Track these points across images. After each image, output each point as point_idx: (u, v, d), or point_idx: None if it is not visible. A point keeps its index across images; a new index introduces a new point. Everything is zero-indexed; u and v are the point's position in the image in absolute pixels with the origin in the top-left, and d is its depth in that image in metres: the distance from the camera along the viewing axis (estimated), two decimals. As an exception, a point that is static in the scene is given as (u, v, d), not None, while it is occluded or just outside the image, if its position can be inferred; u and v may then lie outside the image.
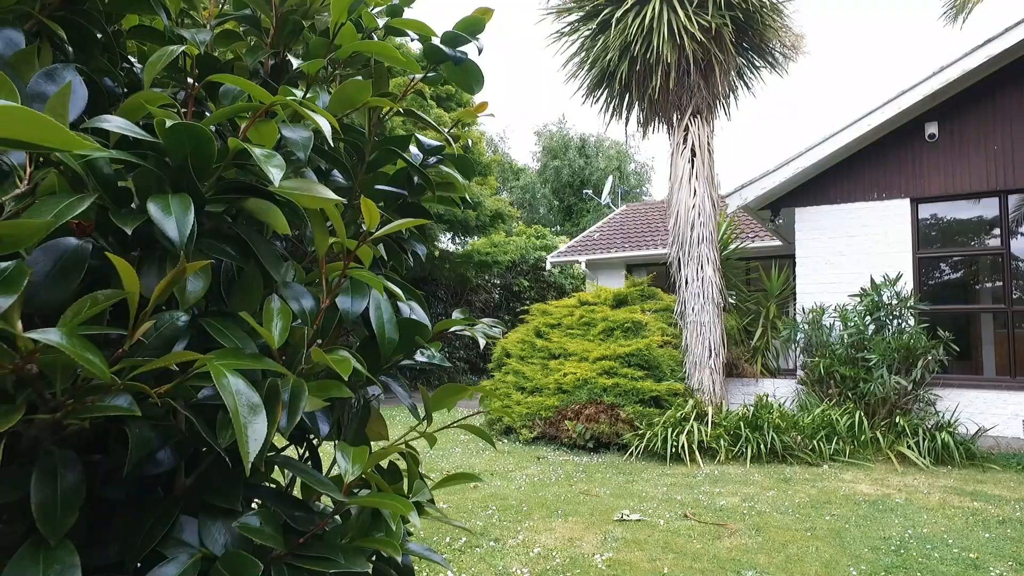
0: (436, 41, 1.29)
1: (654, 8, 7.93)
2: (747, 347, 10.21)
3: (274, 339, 0.78)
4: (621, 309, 9.48)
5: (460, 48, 1.29)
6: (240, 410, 0.65)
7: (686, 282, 8.45)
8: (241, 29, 1.35)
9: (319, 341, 1.06)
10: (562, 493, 6.01)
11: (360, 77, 1.31)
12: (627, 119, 9.60)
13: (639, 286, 9.95)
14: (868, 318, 8.61)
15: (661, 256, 11.52)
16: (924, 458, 7.40)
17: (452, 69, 1.33)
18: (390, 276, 1.45)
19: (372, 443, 1.44)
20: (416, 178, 1.29)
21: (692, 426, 7.48)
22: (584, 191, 29.77)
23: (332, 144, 0.91)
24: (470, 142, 16.44)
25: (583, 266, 15.44)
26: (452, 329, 1.29)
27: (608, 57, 8.40)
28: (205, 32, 1.16)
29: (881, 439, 7.74)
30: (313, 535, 0.84)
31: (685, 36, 7.85)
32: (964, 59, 8.41)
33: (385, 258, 1.52)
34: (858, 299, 8.82)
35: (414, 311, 1.50)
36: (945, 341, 8.18)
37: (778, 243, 12.62)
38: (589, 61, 8.86)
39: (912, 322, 8.51)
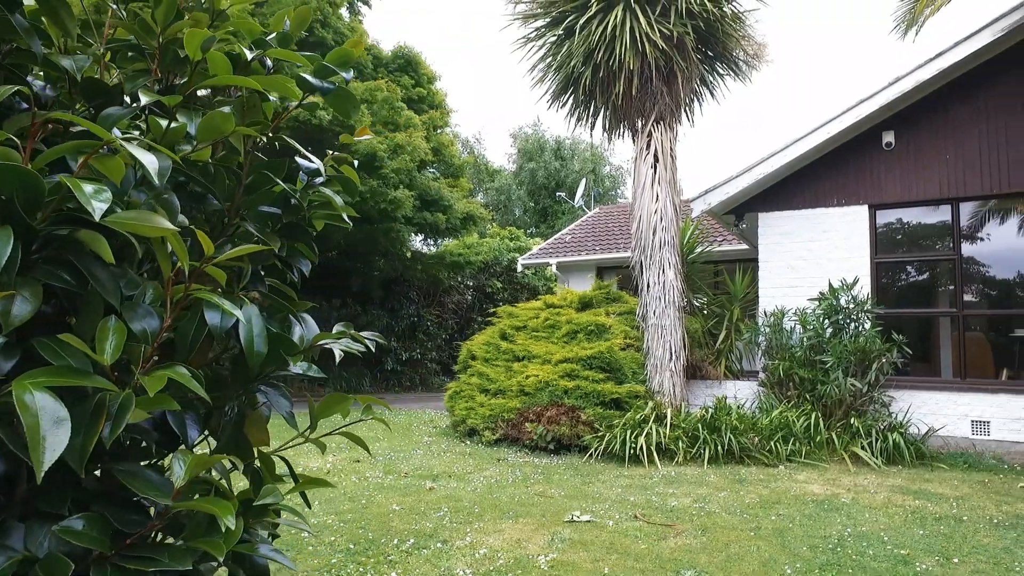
0: (305, 75, 1.35)
1: (617, 15, 8.05)
2: (711, 349, 10.36)
3: (104, 357, 0.84)
4: (586, 312, 9.59)
5: (331, 79, 1.35)
6: (42, 423, 0.71)
7: (648, 286, 8.58)
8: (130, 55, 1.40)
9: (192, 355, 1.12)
10: (517, 495, 6.09)
11: (228, 107, 1.35)
12: (593, 124, 9.72)
13: (604, 289, 10.07)
14: (826, 321, 8.80)
15: (631, 259, 11.66)
16: (876, 458, 7.59)
17: (332, 96, 1.39)
18: (277, 289, 1.51)
19: (279, 446, 1.49)
20: (293, 199, 1.34)
21: (651, 428, 7.60)
22: (558, 193, 29.97)
23: (159, 181, 0.97)
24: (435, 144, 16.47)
25: (554, 268, 15.55)
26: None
27: (572, 63, 8.51)
28: (83, 59, 1.21)
29: (836, 440, 7.92)
30: (141, 536, 0.90)
31: (647, 43, 7.98)
32: (917, 71, 8.63)
33: (283, 268, 1.58)
34: (816, 303, 9.02)
35: (306, 324, 1.56)
36: (898, 344, 8.39)
37: (745, 247, 12.82)
38: (554, 67, 8.96)
39: (868, 325, 8.71)
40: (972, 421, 8.37)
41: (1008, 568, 4.11)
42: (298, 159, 1.44)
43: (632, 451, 7.43)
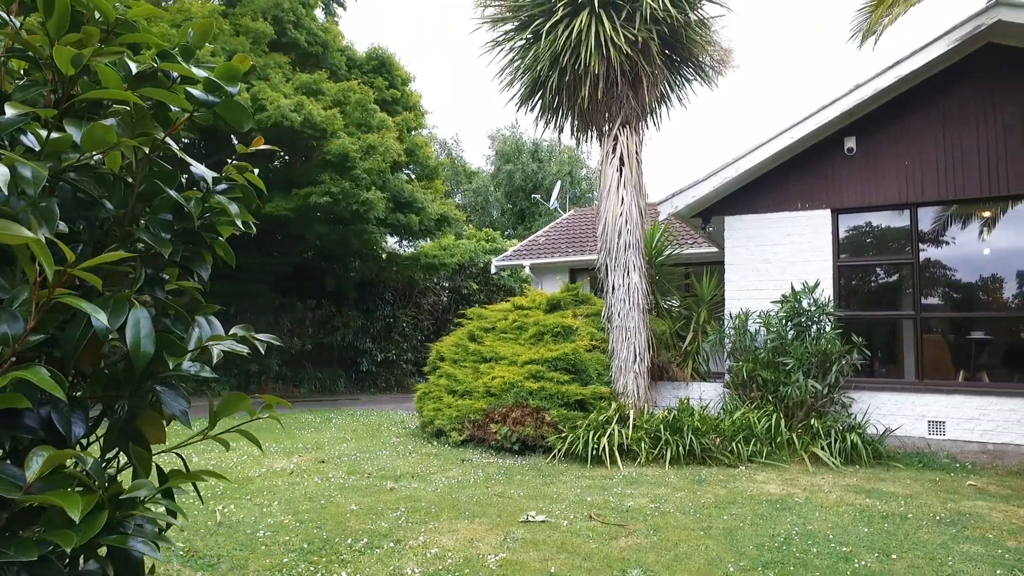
0: (192, 89, 1.38)
1: (582, 20, 8.14)
2: (679, 351, 10.48)
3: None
4: (554, 314, 9.66)
5: (216, 93, 1.39)
6: None
7: (613, 288, 8.67)
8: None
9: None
10: (477, 495, 6.14)
11: (113, 120, 1.38)
12: (561, 128, 9.80)
13: (573, 291, 10.16)
14: (788, 324, 8.96)
15: (596, 262, 11.77)
16: (835, 458, 7.74)
17: (222, 108, 1.43)
18: (185, 289, 1.55)
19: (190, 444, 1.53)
20: (185, 207, 1.38)
21: (614, 429, 7.68)
22: (533, 196, 30.08)
23: (33, 190, 1.00)
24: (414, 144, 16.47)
25: (527, 270, 15.63)
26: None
27: (539, 67, 8.59)
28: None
29: (797, 441, 8.06)
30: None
31: (612, 48, 8.08)
32: (876, 79, 8.81)
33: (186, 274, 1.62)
34: (779, 305, 9.17)
35: (212, 325, 1.60)
36: (858, 346, 8.56)
37: (715, 249, 12.98)
38: (522, 71, 9.03)
39: (829, 328, 8.87)
40: (929, 421, 8.56)
41: (941, 563, 4.24)
42: (192, 168, 1.47)
43: (595, 452, 7.51)
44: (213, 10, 12.85)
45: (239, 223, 1.49)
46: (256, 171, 1.72)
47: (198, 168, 1.48)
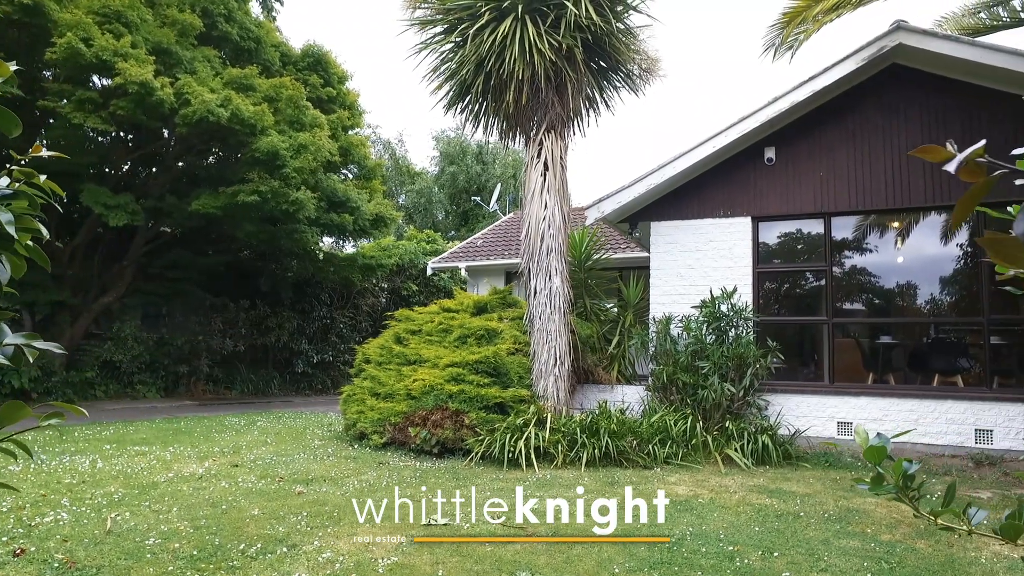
0: None
1: (507, 26, 8.19)
2: (605, 354, 10.63)
3: None
4: (480, 317, 9.68)
5: None
6: None
7: (535, 292, 8.74)
8: None
9: None
10: (386, 498, 6.08)
11: None
12: (488, 131, 9.84)
13: (500, 294, 10.20)
14: (707, 328, 9.18)
15: (520, 265, 11.85)
16: (746, 459, 7.97)
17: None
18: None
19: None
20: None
21: (531, 432, 7.74)
22: (474, 198, 30.09)
23: None
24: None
25: (464, 272, 15.61)
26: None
27: (465, 71, 8.60)
28: None
29: (711, 442, 8.26)
30: None
31: (536, 54, 8.15)
32: (792, 92, 9.12)
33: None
34: (699, 310, 9.39)
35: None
36: (773, 350, 8.84)
37: (646, 254, 13.20)
38: (448, 74, 9.03)
39: (749, 332, 9.13)
40: (838, 422, 8.89)
41: (818, 558, 4.41)
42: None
43: (511, 455, 7.55)
44: (134, -3, 12.36)
45: (11, 230, 1.44)
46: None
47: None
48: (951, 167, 0.87)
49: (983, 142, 0.89)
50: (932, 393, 8.55)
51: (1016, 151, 1.12)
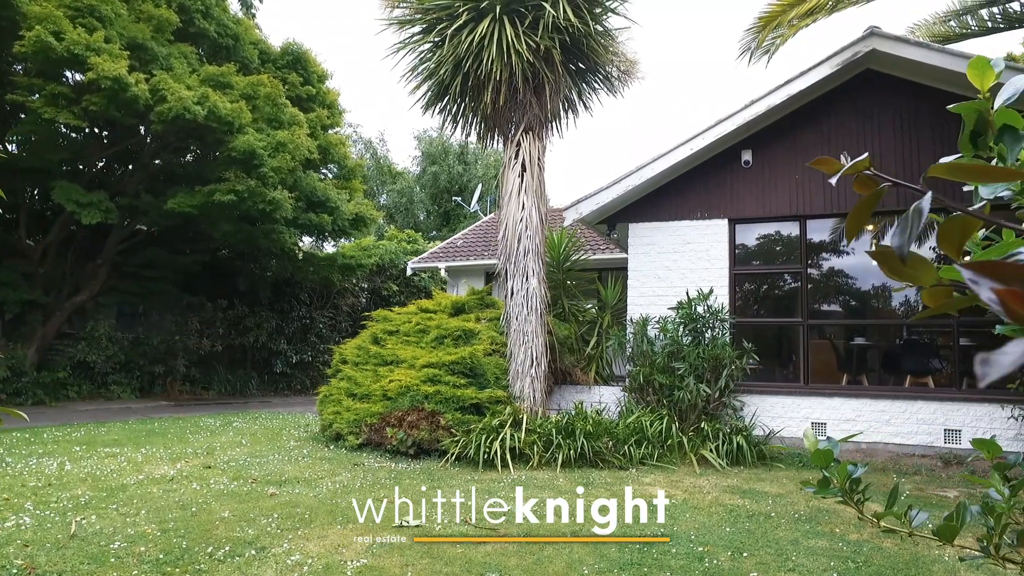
0: None
1: (485, 27, 8.17)
2: (583, 355, 10.65)
3: None
4: (458, 317, 9.65)
5: None
6: None
7: (512, 292, 8.73)
8: None
9: None
10: (359, 500, 6.04)
11: None
12: (468, 131, 9.82)
13: (478, 294, 10.18)
14: (683, 329, 9.23)
15: (497, 266, 11.85)
16: (721, 460, 8.02)
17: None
18: None
19: None
20: None
21: (507, 432, 7.73)
22: (455, 198, 30.01)
23: None
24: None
25: (443, 272, 15.58)
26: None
27: (443, 71, 8.57)
28: None
29: (687, 443, 8.30)
30: None
31: (514, 55, 8.14)
32: (769, 96, 9.20)
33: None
34: (675, 311, 9.44)
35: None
36: (748, 351, 8.90)
37: (624, 255, 13.25)
38: (427, 74, 8.99)
39: (725, 333, 9.19)
40: (812, 423, 8.98)
41: (786, 558, 4.45)
42: None
43: (487, 456, 7.53)
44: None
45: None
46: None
47: None
48: (832, 181, 0.90)
49: (866, 155, 0.92)
50: (904, 394, 8.67)
51: (944, 159, 1.14)
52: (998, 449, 1.44)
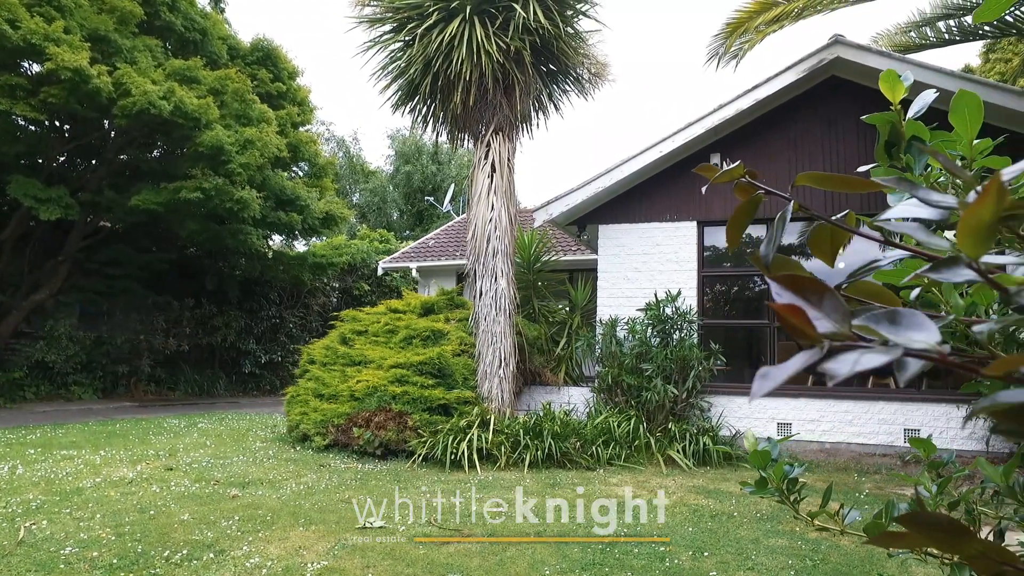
0: None
1: (455, 26, 8.15)
2: (553, 356, 10.67)
3: None
4: (427, 318, 9.61)
5: None
6: None
7: (481, 293, 8.72)
8: None
9: None
10: (322, 501, 5.98)
11: None
12: (438, 131, 9.77)
13: (448, 295, 10.14)
14: (651, 331, 9.29)
15: (466, 267, 11.84)
16: (688, 460, 8.09)
17: None
18: None
19: None
20: None
21: (475, 433, 7.71)
22: (427, 198, 29.90)
23: None
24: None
25: (415, 272, 15.49)
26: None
27: (413, 71, 8.53)
28: None
29: (654, 444, 8.36)
30: None
31: (484, 55, 8.13)
32: (737, 100, 9.31)
33: None
34: (644, 313, 9.50)
35: None
36: (715, 353, 8.99)
37: (594, 256, 13.31)
38: (397, 73, 8.94)
39: (694, 335, 9.27)
40: (778, 423, 9.11)
41: (747, 557, 4.50)
42: None
43: (454, 456, 7.50)
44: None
45: None
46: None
47: None
48: (703, 189, 0.92)
49: (739, 163, 0.95)
50: (866, 394, 8.83)
51: (862, 168, 1.17)
52: (933, 448, 1.47)
